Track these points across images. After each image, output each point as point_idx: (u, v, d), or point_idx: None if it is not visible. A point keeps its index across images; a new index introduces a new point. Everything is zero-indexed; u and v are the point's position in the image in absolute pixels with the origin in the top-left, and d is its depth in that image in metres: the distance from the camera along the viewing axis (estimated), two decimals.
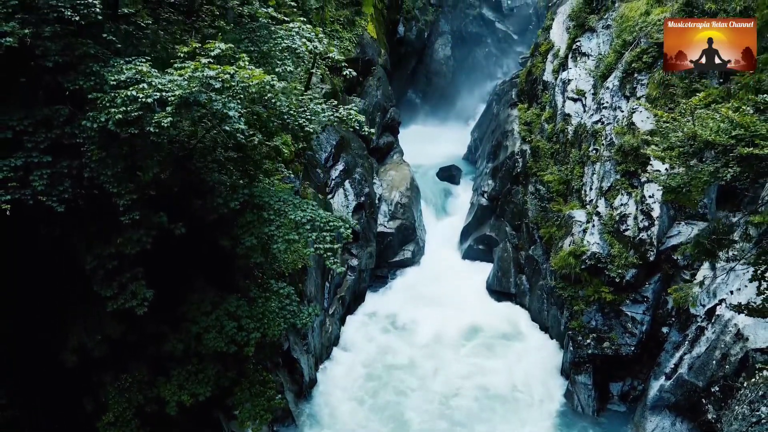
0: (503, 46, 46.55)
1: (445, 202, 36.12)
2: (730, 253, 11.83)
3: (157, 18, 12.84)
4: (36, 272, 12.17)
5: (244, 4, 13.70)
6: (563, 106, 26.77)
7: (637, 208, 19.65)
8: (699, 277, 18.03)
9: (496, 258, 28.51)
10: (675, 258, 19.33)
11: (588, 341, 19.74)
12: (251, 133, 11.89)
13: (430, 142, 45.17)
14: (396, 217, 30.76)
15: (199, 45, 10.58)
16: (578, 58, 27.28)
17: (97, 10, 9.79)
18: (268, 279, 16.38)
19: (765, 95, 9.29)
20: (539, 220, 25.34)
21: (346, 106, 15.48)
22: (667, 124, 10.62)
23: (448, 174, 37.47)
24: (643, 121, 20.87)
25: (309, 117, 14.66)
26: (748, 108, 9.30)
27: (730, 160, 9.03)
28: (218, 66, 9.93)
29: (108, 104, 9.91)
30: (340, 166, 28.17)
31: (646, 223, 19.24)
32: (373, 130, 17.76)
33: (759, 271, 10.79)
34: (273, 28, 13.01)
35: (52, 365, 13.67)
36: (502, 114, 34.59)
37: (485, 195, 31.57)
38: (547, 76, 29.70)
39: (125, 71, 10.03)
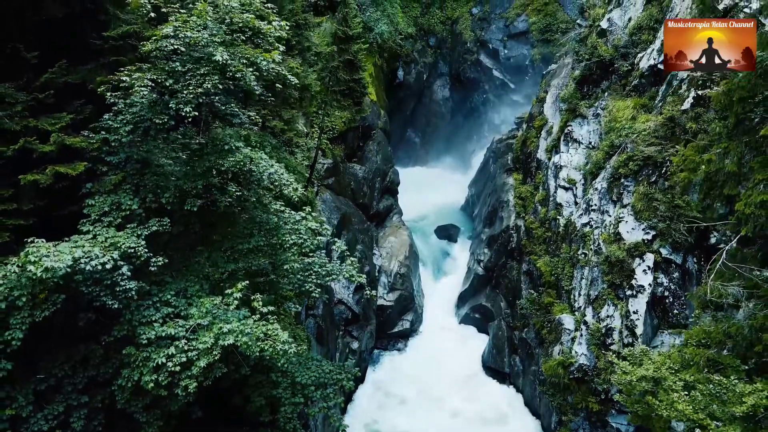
0: (500, 93, 47.55)
1: (443, 263, 37.27)
2: None
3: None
4: None
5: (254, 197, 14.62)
6: (555, 192, 27.88)
7: (622, 323, 20.80)
8: None
9: (491, 334, 29.71)
10: None
11: None
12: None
13: (430, 186, 46.18)
14: (395, 288, 31.82)
15: (221, 298, 11.69)
16: (570, 143, 28.35)
17: (133, 293, 10.90)
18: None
19: (720, 381, 10.44)
20: (532, 305, 26.48)
21: (347, 265, 16.58)
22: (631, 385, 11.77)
23: (447, 233, 38.60)
24: (629, 232, 21.98)
25: (315, 281, 15.87)
26: (698, 394, 10.47)
27: None
28: (237, 327, 11.01)
29: (140, 364, 11.05)
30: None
31: (630, 339, 20.38)
32: (375, 289, 18.87)
33: None
34: (281, 222, 14.13)
35: None
36: (499, 179, 35.67)
37: (481, 264, 32.73)
38: (541, 155, 30.80)
39: (155, 326, 11.15)
